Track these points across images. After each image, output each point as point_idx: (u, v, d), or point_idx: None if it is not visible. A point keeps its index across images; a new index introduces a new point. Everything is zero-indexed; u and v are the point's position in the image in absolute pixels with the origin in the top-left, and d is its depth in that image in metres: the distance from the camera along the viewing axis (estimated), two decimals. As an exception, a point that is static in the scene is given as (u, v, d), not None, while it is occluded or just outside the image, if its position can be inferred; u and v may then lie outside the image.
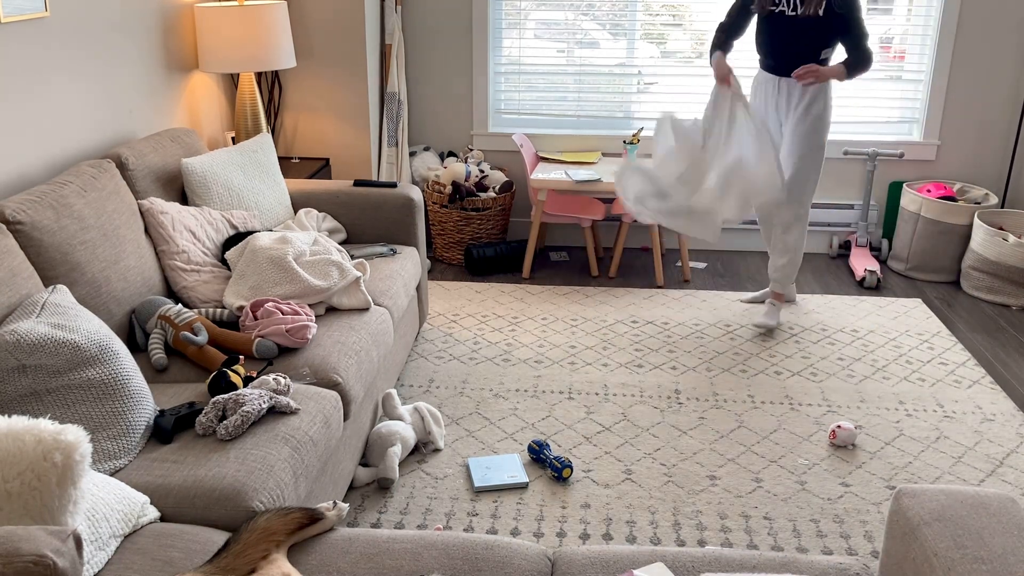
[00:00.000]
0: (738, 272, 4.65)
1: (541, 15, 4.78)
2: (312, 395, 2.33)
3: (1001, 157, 4.71)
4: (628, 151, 4.52)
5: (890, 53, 4.71)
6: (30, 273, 2.25)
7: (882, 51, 4.71)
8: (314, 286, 2.78)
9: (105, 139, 3.13)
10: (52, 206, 2.41)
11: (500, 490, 2.73)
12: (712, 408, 3.23)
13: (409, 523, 2.57)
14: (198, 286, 2.83)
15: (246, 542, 1.67)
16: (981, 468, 2.87)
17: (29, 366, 1.92)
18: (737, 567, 1.69)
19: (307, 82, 4.37)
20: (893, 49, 4.70)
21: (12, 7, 2.57)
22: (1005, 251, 4.13)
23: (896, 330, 3.91)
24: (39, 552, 1.27)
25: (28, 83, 2.69)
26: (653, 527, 2.56)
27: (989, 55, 4.55)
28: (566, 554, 1.78)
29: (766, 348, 3.72)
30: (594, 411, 3.20)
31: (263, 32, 3.65)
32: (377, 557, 1.71)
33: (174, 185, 3.09)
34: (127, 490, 1.81)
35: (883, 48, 4.71)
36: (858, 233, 4.70)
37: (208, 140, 3.98)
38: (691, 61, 4.80)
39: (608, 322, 3.97)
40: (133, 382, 2.09)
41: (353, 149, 4.45)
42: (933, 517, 1.50)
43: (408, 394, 3.31)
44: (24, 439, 1.52)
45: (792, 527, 2.57)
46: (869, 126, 4.81)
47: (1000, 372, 3.53)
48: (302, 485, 2.09)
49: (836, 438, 2.97)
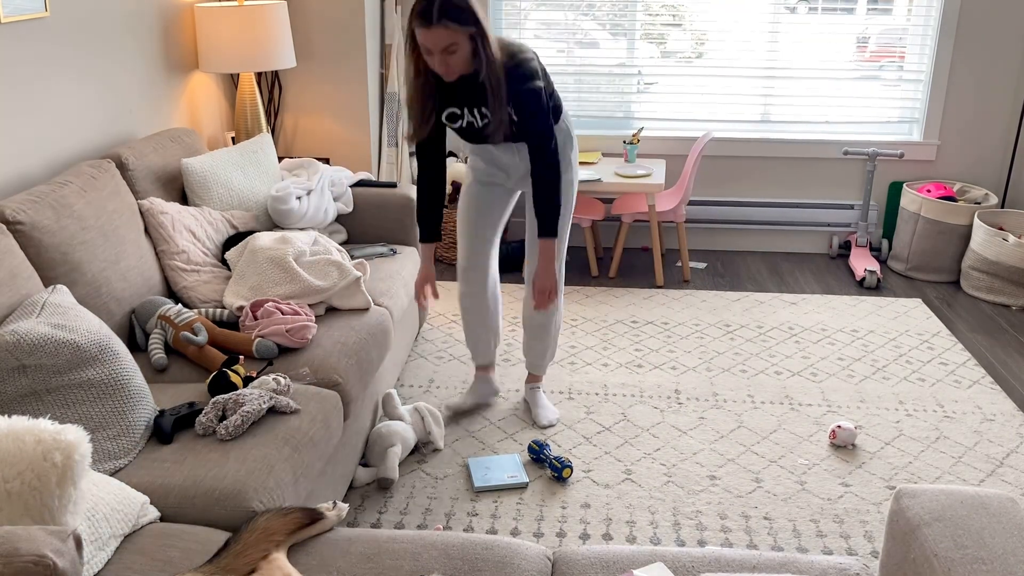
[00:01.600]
0: (738, 272, 4.65)
1: (541, 15, 4.78)
2: (312, 395, 2.33)
3: (1001, 157, 4.71)
4: (628, 151, 4.52)
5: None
6: (30, 273, 2.25)
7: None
8: (314, 286, 2.78)
9: (105, 139, 3.13)
10: (52, 206, 2.41)
11: (500, 490, 2.73)
12: (712, 408, 3.23)
13: (409, 523, 2.57)
14: (198, 286, 2.83)
15: (246, 542, 1.67)
16: (981, 468, 2.86)
17: (29, 366, 1.92)
18: (737, 567, 1.69)
19: (307, 82, 4.37)
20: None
21: (12, 7, 2.57)
22: (1005, 251, 4.13)
23: (896, 330, 3.91)
24: (39, 552, 1.27)
25: (28, 83, 2.69)
26: (653, 527, 2.56)
27: (989, 55, 4.55)
28: (566, 554, 1.78)
29: (766, 348, 3.72)
30: (594, 411, 3.20)
31: (263, 32, 3.64)
32: (377, 557, 1.71)
33: (174, 185, 3.09)
34: (127, 490, 1.81)
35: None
36: (858, 233, 4.70)
37: (208, 140, 3.98)
38: (691, 61, 4.80)
39: (608, 322, 3.97)
40: (133, 382, 2.09)
41: (353, 149, 4.45)
42: (933, 517, 1.50)
43: (408, 394, 3.31)
44: (24, 439, 1.52)
45: (792, 527, 2.57)
46: (869, 126, 4.81)
47: (1000, 372, 3.53)
48: (302, 485, 2.08)
49: (836, 438, 2.97)
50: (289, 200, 3.26)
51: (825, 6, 4.66)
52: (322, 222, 3.37)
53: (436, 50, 2.38)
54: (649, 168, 4.44)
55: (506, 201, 3.02)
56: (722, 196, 4.89)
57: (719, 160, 4.83)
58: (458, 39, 2.37)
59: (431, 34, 2.35)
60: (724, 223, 4.90)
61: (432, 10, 2.33)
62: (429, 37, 2.36)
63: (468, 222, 2.99)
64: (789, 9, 4.65)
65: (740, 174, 4.85)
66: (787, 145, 4.75)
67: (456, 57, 2.41)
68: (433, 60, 2.42)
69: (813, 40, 4.68)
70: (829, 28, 4.67)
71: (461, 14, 2.36)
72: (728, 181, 4.87)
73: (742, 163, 4.83)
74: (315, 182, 3.42)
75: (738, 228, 4.93)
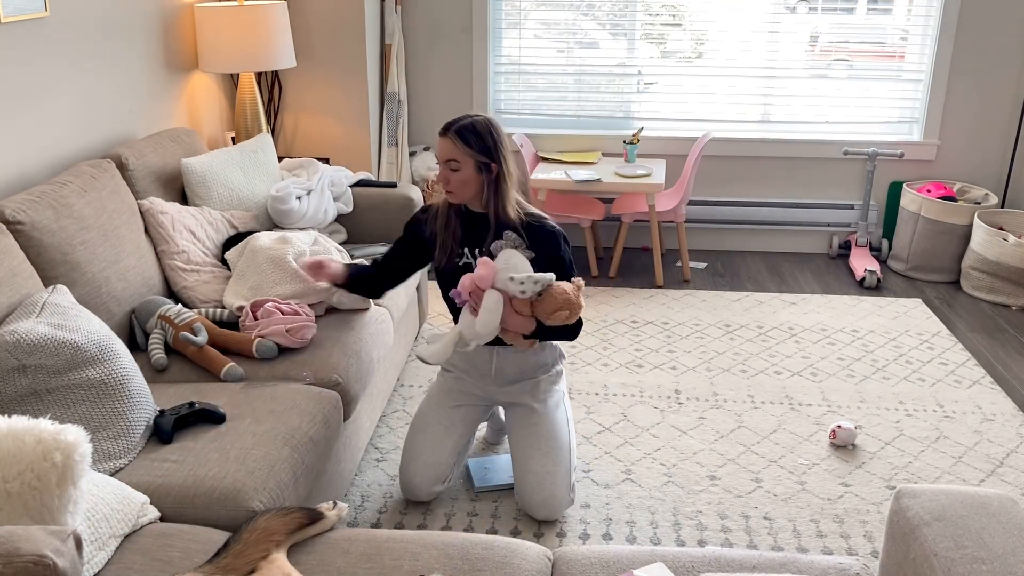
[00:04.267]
0: (738, 272, 4.65)
1: (541, 15, 4.78)
2: (312, 395, 2.33)
3: (1001, 157, 4.71)
4: (628, 151, 4.52)
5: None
6: (30, 273, 2.25)
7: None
8: (314, 286, 2.78)
9: (105, 139, 3.13)
10: (52, 206, 2.41)
11: (500, 490, 2.73)
12: (712, 408, 3.23)
13: (409, 523, 2.57)
14: (198, 286, 2.83)
15: (246, 542, 1.67)
16: (981, 468, 2.86)
17: (29, 366, 1.92)
18: (737, 567, 1.69)
19: (307, 82, 4.37)
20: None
21: (12, 7, 2.57)
22: (1005, 251, 4.13)
23: (896, 330, 3.91)
24: (39, 552, 1.27)
25: (28, 83, 2.69)
26: (653, 527, 2.56)
27: (989, 55, 4.55)
28: (566, 554, 1.78)
29: (766, 348, 3.72)
30: (594, 411, 3.20)
31: (263, 32, 3.64)
32: (377, 557, 1.71)
33: (174, 185, 3.09)
34: (127, 490, 1.81)
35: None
36: (858, 233, 4.70)
37: (208, 140, 3.98)
38: (691, 61, 4.80)
39: (608, 322, 3.97)
40: (133, 382, 2.09)
41: (353, 149, 4.45)
42: (933, 517, 1.50)
43: (408, 394, 3.31)
44: (24, 439, 1.52)
45: (792, 527, 2.57)
46: (869, 126, 4.81)
47: (1000, 372, 3.53)
48: (302, 485, 2.08)
49: (836, 438, 2.97)
50: (289, 200, 3.26)
51: (825, 6, 4.67)
52: (322, 222, 3.37)
53: (441, 160, 2.44)
54: (649, 168, 4.44)
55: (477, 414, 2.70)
56: (722, 196, 4.89)
57: (719, 160, 4.83)
58: (462, 159, 2.40)
59: (442, 143, 2.43)
60: (724, 223, 4.90)
61: (453, 124, 2.42)
62: (441, 145, 2.44)
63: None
64: (789, 9, 4.65)
65: (740, 174, 4.85)
66: (787, 145, 4.75)
67: (457, 176, 2.42)
68: (440, 171, 2.47)
69: (812, 39, 4.68)
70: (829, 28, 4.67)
71: (475, 139, 2.40)
72: (728, 181, 4.87)
73: (742, 163, 4.83)
74: (315, 182, 3.42)
75: (738, 228, 4.93)
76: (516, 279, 2.26)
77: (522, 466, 2.56)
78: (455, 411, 2.64)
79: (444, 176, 2.44)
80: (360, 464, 2.86)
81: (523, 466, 2.56)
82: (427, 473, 2.57)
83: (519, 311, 2.31)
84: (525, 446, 2.56)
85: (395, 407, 3.22)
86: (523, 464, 2.56)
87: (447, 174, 2.43)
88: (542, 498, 2.52)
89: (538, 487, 2.52)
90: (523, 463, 2.56)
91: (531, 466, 2.54)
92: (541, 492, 2.52)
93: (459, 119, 2.43)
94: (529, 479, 2.53)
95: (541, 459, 2.54)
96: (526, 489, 2.54)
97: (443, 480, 2.60)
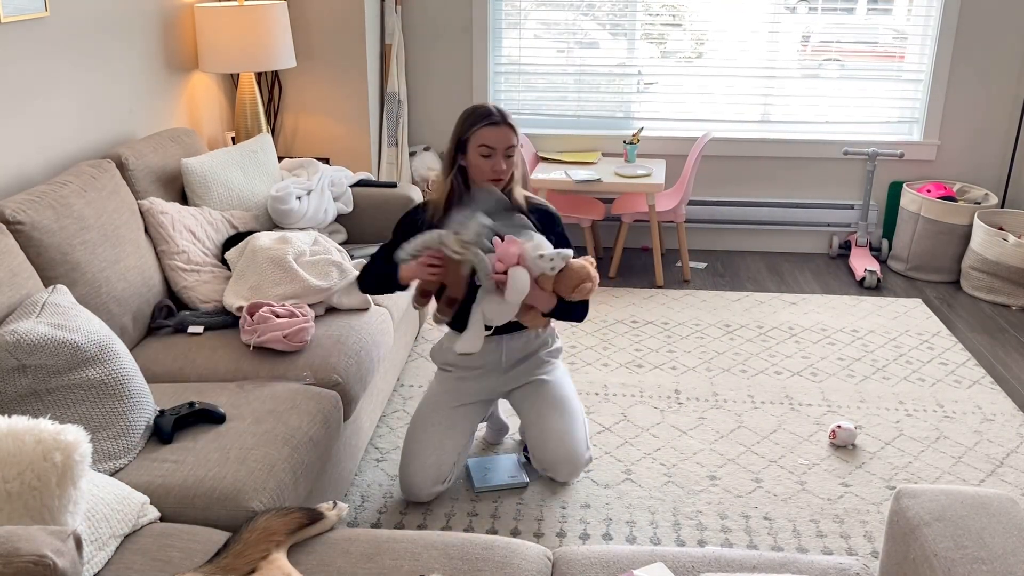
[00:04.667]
0: (738, 272, 4.65)
1: (541, 15, 4.78)
2: (312, 395, 2.33)
3: (1001, 157, 4.71)
4: (628, 151, 4.52)
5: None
6: (30, 273, 2.25)
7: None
8: (314, 286, 2.78)
9: (105, 139, 3.13)
10: (52, 206, 2.41)
11: (500, 490, 2.73)
12: (712, 408, 3.23)
13: (409, 523, 2.57)
14: (198, 286, 2.83)
15: (246, 542, 1.67)
16: (981, 468, 2.87)
17: (29, 366, 1.92)
18: (737, 567, 1.69)
19: (307, 82, 4.37)
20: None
21: (12, 7, 2.57)
22: (1005, 251, 4.13)
23: (896, 330, 3.91)
24: (39, 552, 1.27)
25: (28, 83, 2.69)
26: (653, 527, 2.56)
27: (989, 55, 4.55)
28: (566, 554, 1.78)
29: (766, 348, 3.72)
30: (594, 411, 3.20)
31: (263, 32, 3.64)
32: (377, 557, 1.71)
33: (174, 185, 3.09)
34: (127, 490, 1.81)
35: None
36: (858, 233, 4.70)
37: (208, 140, 3.98)
38: (691, 61, 4.80)
39: (608, 322, 3.97)
40: (133, 382, 2.09)
41: (353, 149, 4.45)
42: (933, 517, 1.50)
43: (408, 394, 3.31)
44: (24, 439, 1.52)
45: (792, 527, 2.57)
46: (869, 126, 4.81)
47: (1000, 372, 3.53)
48: (302, 485, 2.08)
49: (836, 438, 2.97)
50: (289, 200, 3.26)
51: (825, 6, 4.67)
52: (322, 222, 3.37)
53: (500, 148, 2.41)
54: (649, 168, 4.44)
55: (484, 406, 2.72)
56: (722, 196, 4.89)
57: (719, 160, 4.83)
58: (515, 144, 2.44)
59: (500, 131, 2.40)
60: (724, 223, 4.90)
61: (498, 111, 2.41)
62: (498, 135, 2.39)
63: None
64: (789, 9, 4.65)
65: (740, 174, 4.85)
66: (787, 145, 4.75)
67: (510, 162, 2.45)
68: (490, 162, 2.40)
69: (803, 39, 4.68)
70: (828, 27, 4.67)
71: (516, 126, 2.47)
72: (728, 181, 4.87)
73: (742, 163, 4.83)
74: (315, 182, 3.42)
75: (738, 228, 4.93)
76: (546, 256, 2.31)
77: (539, 428, 2.60)
78: (456, 411, 2.64)
79: (497, 166, 2.41)
80: (360, 464, 2.86)
81: (541, 427, 2.59)
82: (427, 473, 2.57)
83: (543, 287, 2.36)
84: (540, 409, 2.61)
85: (395, 407, 3.22)
86: (540, 425, 2.60)
87: (503, 162, 2.42)
88: (564, 454, 2.57)
89: (560, 444, 2.56)
90: (540, 424, 2.60)
91: (550, 425, 2.58)
92: (563, 448, 2.57)
93: (489, 107, 2.42)
94: (550, 438, 2.57)
95: (558, 418, 2.59)
96: (548, 447, 2.58)
97: (443, 480, 2.60)
